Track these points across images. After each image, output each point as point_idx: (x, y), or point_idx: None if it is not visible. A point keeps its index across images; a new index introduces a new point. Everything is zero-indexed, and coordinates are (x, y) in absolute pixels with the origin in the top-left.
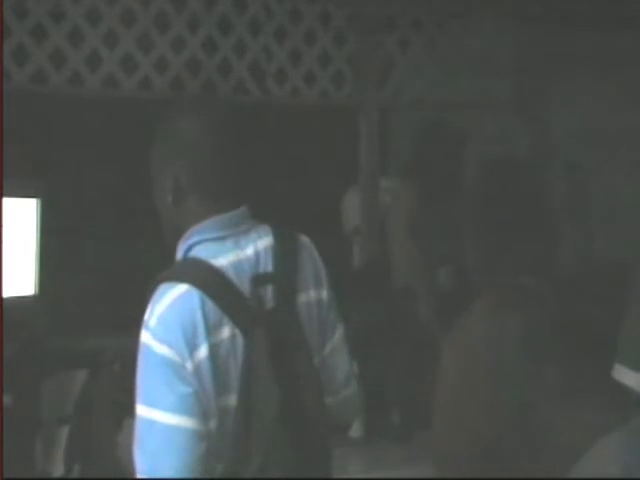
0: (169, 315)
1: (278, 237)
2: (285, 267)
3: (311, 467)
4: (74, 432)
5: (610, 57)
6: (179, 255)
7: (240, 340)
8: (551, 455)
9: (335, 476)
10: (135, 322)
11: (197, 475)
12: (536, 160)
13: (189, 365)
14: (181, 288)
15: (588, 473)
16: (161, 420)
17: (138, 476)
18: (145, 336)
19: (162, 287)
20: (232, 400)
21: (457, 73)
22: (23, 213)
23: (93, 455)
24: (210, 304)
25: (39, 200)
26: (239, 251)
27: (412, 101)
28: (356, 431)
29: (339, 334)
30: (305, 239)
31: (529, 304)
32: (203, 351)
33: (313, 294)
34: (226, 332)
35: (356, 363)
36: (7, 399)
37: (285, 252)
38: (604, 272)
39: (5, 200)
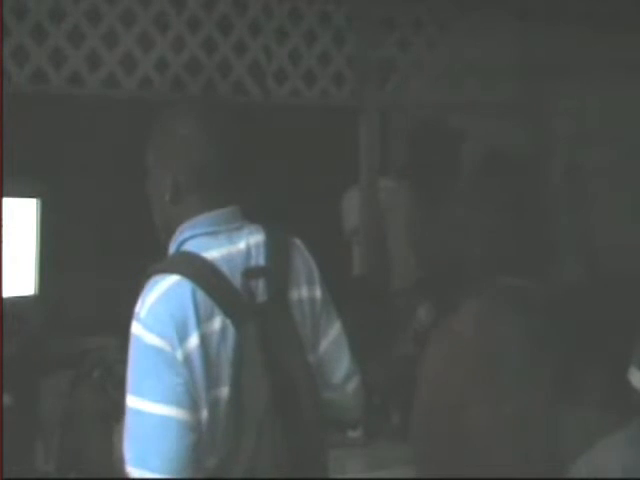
0: (160, 305)
1: (270, 235)
2: (276, 262)
3: (303, 461)
4: (63, 438)
5: (611, 57)
6: (171, 251)
7: (231, 332)
8: (549, 456)
9: (335, 476)
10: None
11: (187, 466)
12: (536, 160)
13: (179, 355)
14: (172, 279)
15: (588, 473)
16: (150, 410)
17: (126, 465)
18: (136, 327)
19: (154, 279)
20: (223, 392)
21: (457, 73)
22: (23, 213)
23: (83, 460)
24: (201, 295)
25: (39, 200)
26: (231, 245)
27: (412, 101)
28: (356, 431)
29: (336, 331)
30: (296, 240)
31: (527, 306)
32: (194, 340)
33: (305, 291)
34: (217, 323)
35: (356, 363)
36: (7, 399)
37: (276, 248)
38: (604, 274)
39: (5, 200)
